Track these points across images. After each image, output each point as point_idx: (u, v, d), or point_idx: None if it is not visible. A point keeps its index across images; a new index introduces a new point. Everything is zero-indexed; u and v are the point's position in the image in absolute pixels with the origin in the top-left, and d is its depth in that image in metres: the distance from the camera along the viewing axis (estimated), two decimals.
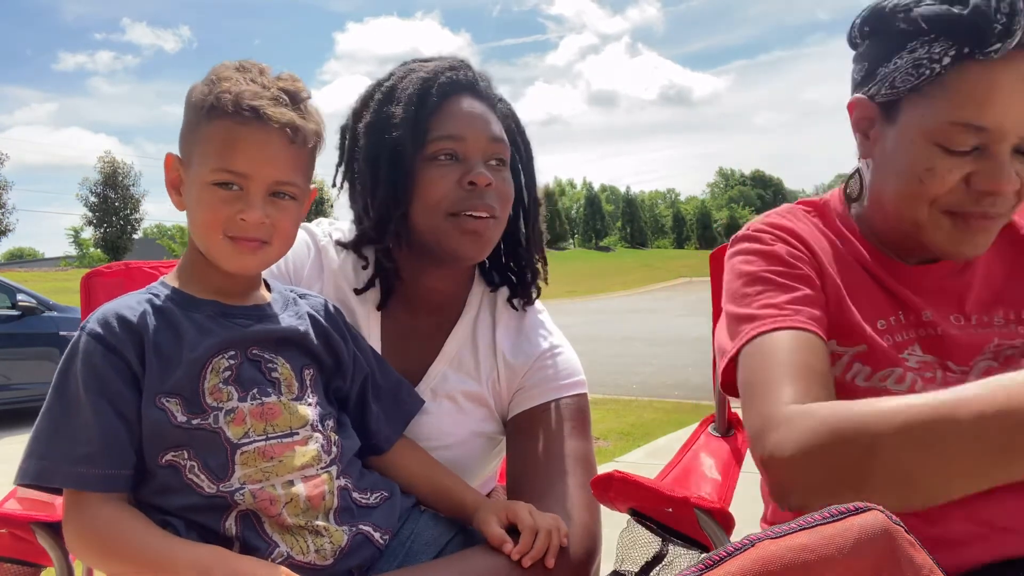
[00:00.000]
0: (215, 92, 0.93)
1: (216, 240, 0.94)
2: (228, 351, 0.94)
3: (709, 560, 0.55)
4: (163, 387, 0.90)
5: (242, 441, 0.91)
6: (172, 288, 0.98)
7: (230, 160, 0.92)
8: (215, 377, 0.92)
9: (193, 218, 0.96)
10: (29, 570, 1.18)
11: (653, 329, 12.90)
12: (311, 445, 0.95)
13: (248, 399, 0.93)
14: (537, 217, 1.27)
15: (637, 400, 6.73)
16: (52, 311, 6.69)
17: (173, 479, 0.89)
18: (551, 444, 1.15)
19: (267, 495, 0.90)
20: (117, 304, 0.94)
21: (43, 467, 0.87)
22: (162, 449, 0.90)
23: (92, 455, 0.87)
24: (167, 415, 0.89)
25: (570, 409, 1.19)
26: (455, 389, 1.20)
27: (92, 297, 1.54)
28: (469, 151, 1.14)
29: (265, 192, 0.94)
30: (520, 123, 1.26)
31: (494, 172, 1.16)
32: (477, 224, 1.13)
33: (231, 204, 0.93)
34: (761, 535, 0.56)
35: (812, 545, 0.55)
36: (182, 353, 0.91)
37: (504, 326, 1.24)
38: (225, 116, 0.92)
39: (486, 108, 1.19)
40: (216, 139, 0.93)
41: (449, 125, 1.14)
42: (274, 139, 0.93)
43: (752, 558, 0.54)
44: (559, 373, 1.21)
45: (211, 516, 0.89)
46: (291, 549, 0.90)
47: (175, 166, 0.98)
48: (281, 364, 0.98)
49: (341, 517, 0.95)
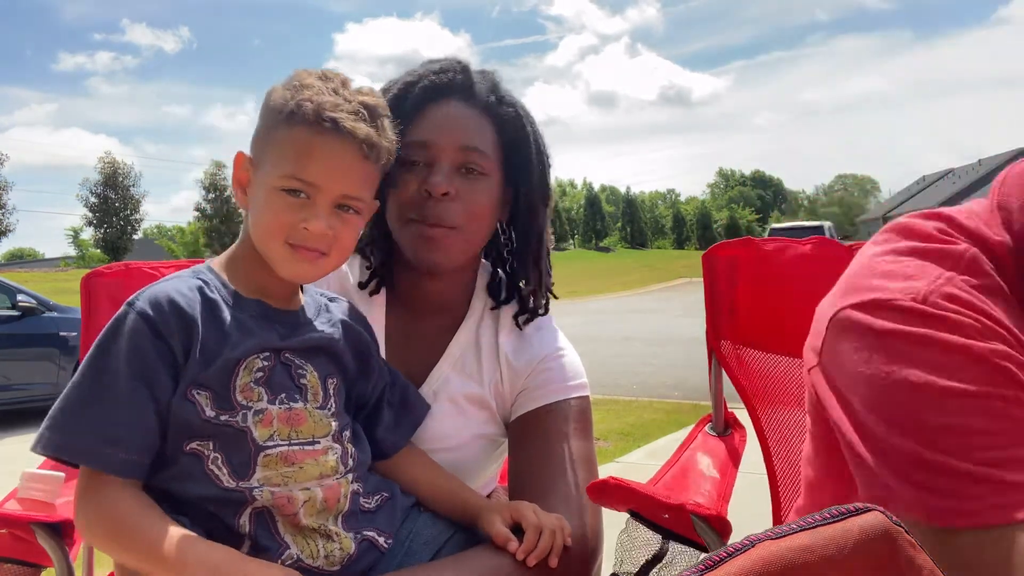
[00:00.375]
0: (296, 99, 0.93)
1: (276, 245, 0.94)
2: (263, 352, 0.94)
3: (709, 560, 0.55)
4: (196, 380, 0.89)
5: (267, 444, 0.91)
6: (220, 278, 0.97)
7: (302, 168, 0.92)
8: (247, 376, 0.92)
9: (256, 219, 0.96)
10: (29, 570, 1.18)
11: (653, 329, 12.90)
12: (330, 456, 0.95)
13: (276, 403, 0.93)
14: (535, 230, 1.22)
15: (637, 400, 6.73)
16: (52, 311, 6.69)
17: (194, 467, 0.89)
18: (553, 446, 1.15)
19: (285, 494, 0.90)
20: (169, 288, 0.92)
21: (67, 441, 0.86)
22: (187, 439, 0.89)
23: (121, 438, 0.86)
24: (196, 408, 0.89)
25: (572, 411, 1.19)
26: (457, 392, 1.20)
27: (92, 297, 1.54)
28: (436, 157, 1.13)
29: (332, 204, 0.94)
30: (526, 130, 1.21)
31: (462, 181, 1.13)
32: (432, 232, 1.13)
33: (296, 212, 0.93)
34: (761, 535, 0.56)
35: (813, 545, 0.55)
36: (223, 351, 0.91)
37: (507, 329, 1.24)
38: (304, 124, 0.92)
39: (472, 113, 1.17)
40: (291, 146, 0.92)
41: (420, 130, 1.14)
42: (348, 152, 0.93)
43: (752, 558, 0.54)
44: (562, 375, 1.21)
45: (226, 509, 0.88)
46: (301, 552, 0.90)
47: (244, 165, 0.98)
48: (310, 372, 0.98)
49: (347, 522, 0.95)
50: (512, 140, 1.19)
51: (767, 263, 1.44)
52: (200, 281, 0.95)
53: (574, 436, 1.17)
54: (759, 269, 1.45)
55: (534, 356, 1.22)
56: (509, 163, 1.20)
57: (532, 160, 1.20)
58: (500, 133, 1.19)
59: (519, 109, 1.21)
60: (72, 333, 6.48)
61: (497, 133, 1.18)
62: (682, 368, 8.23)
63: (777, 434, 1.46)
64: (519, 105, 1.21)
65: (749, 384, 1.46)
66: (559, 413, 1.18)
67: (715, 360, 1.46)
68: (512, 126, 1.19)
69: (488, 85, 1.20)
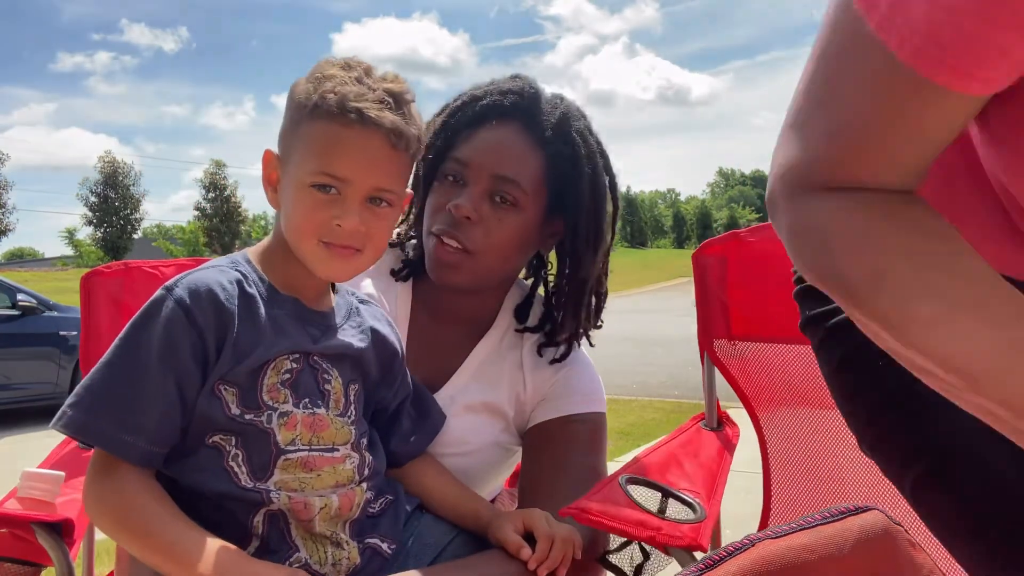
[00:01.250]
0: (320, 91, 0.89)
1: (310, 244, 0.91)
2: (294, 354, 0.92)
3: (709, 560, 0.55)
4: (225, 375, 0.88)
5: (288, 447, 0.90)
6: (259, 274, 0.95)
7: (330, 163, 0.89)
8: (275, 376, 0.90)
9: (288, 218, 0.93)
10: (29, 570, 1.18)
11: (653, 329, 12.89)
12: (348, 464, 0.94)
13: (301, 406, 0.91)
14: (580, 275, 1.19)
15: (637, 400, 6.73)
16: (52, 311, 6.68)
17: (213, 461, 0.87)
18: (566, 457, 1.14)
19: (302, 500, 0.89)
20: (209, 277, 0.89)
21: (88, 422, 0.84)
22: (211, 432, 0.88)
23: (144, 427, 0.84)
24: (222, 404, 0.87)
25: (589, 425, 1.19)
26: (476, 400, 1.20)
27: (92, 297, 1.54)
28: (470, 178, 1.13)
29: (363, 198, 0.90)
30: (581, 171, 1.14)
31: (490, 207, 1.12)
32: (441, 250, 1.12)
33: (328, 208, 0.89)
34: (761, 535, 0.56)
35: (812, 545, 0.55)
36: (256, 350, 0.89)
37: (531, 343, 1.23)
38: (329, 117, 0.88)
39: (523, 143, 1.13)
40: (317, 140, 0.89)
41: (465, 147, 1.14)
42: (376, 143, 0.89)
43: (752, 558, 0.54)
44: (581, 389, 1.21)
45: (240, 508, 0.87)
46: (310, 557, 0.89)
47: (273, 163, 0.95)
48: (335, 377, 0.96)
49: (353, 528, 0.94)
50: (565, 177, 1.15)
51: (755, 252, 1.44)
52: (239, 274, 0.92)
53: (588, 450, 1.17)
54: (748, 260, 1.45)
55: (556, 368, 1.21)
56: (559, 199, 1.16)
57: (583, 206, 1.15)
58: (551, 168, 1.14)
59: (579, 148, 1.15)
60: (72, 332, 6.47)
61: (546, 168, 1.14)
62: (682, 367, 8.23)
63: (774, 431, 1.46)
64: (582, 144, 1.15)
65: (745, 380, 1.46)
66: (574, 426, 1.18)
67: (707, 360, 1.46)
68: (566, 165, 1.15)
69: (555, 118, 1.15)
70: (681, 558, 0.96)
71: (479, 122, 1.15)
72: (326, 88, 0.89)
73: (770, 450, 1.47)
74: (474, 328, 1.24)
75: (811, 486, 1.43)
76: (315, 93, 0.89)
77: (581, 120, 1.18)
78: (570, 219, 1.16)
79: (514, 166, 1.12)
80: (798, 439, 1.44)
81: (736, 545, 0.55)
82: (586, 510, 0.96)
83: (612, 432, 5.28)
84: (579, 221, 1.16)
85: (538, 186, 1.14)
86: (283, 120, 0.96)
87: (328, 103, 0.88)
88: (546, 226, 1.19)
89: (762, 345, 1.44)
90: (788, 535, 0.56)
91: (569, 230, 1.17)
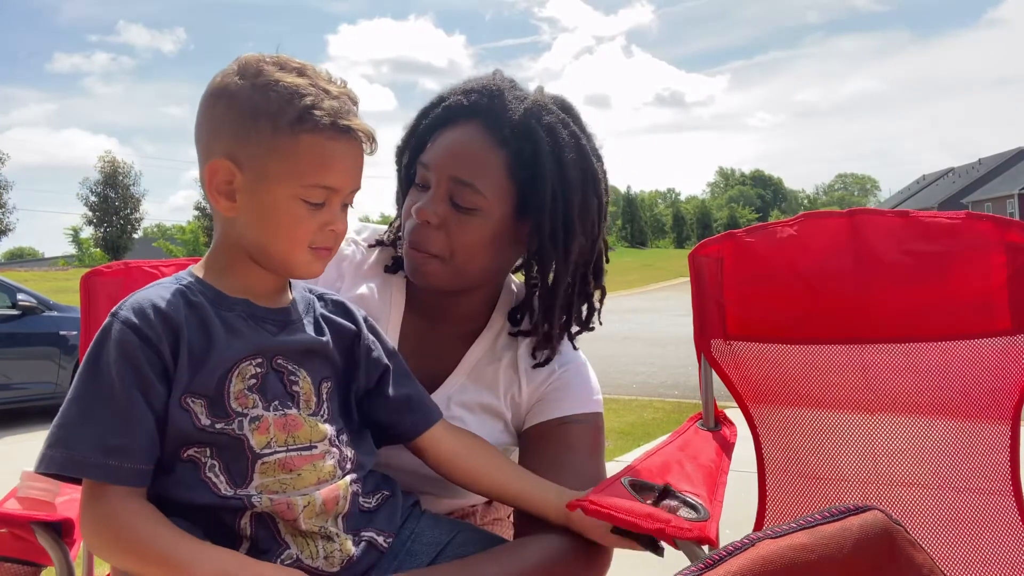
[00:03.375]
0: (298, 106, 0.89)
1: (301, 252, 0.94)
2: (256, 358, 0.93)
3: (709, 560, 0.55)
4: (190, 387, 0.88)
5: (264, 451, 0.90)
6: (202, 282, 0.95)
7: (324, 177, 0.91)
8: (240, 383, 0.91)
9: (271, 227, 0.92)
10: (29, 570, 1.18)
11: (653, 329, 12.89)
12: (328, 460, 0.95)
13: (271, 409, 0.92)
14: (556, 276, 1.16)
15: (637, 399, 6.72)
16: (52, 311, 6.68)
17: (190, 475, 0.88)
18: (563, 459, 1.14)
19: (284, 500, 0.89)
20: (151, 294, 0.91)
21: (71, 456, 0.85)
22: (184, 446, 0.88)
23: (125, 448, 0.85)
24: (191, 416, 0.88)
25: (584, 427, 1.18)
26: (472, 400, 1.20)
27: (92, 297, 1.54)
28: (431, 182, 1.13)
29: (344, 201, 0.96)
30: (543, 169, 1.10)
31: (453, 212, 1.10)
32: (412, 256, 1.13)
33: (318, 216, 0.93)
34: (761, 535, 0.56)
35: (812, 544, 0.55)
36: (211, 354, 0.90)
37: (527, 344, 1.23)
38: (316, 131, 0.90)
39: (484, 143, 1.11)
40: (308, 155, 0.90)
41: (428, 150, 1.14)
42: (358, 151, 0.94)
43: (752, 557, 0.54)
44: (579, 389, 1.21)
45: (226, 515, 0.88)
46: (301, 552, 0.90)
47: (228, 171, 0.92)
48: (302, 378, 0.96)
49: (347, 522, 0.94)
50: (530, 178, 1.11)
51: (752, 253, 1.44)
52: (181, 287, 0.94)
53: (585, 451, 1.16)
54: (745, 260, 1.44)
55: (552, 368, 1.21)
56: (526, 201, 1.12)
57: (545, 202, 1.11)
58: (514, 167, 1.11)
59: (541, 144, 1.10)
60: (72, 332, 6.48)
61: (510, 167, 1.11)
62: (682, 367, 8.23)
63: (770, 430, 1.46)
64: (545, 139, 1.10)
65: (741, 380, 1.46)
66: (572, 427, 1.17)
67: (704, 361, 1.46)
68: (530, 163, 1.11)
69: (518, 115, 1.11)
70: (689, 552, 0.96)
71: (443, 124, 1.15)
72: (305, 104, 0.89)
73: (765, 450, 1.46)
74: (467, 329, 1.24)
75: (807, 486, 1.43)
76: (291, 108, 0.89)
77: (554, 114, 1.13)
78: (539, 215, 1.12)
79: (470, 168, 1.10)
80: (794, 439, 1.44)
81: (736, 545, 0.55)
82: (595, 502, 0.96)
83: (612, 432, 5.28)
84: (542, 220, 1.12)
85: (502, 186, 1.11)
86: (217, 123, 0.92)
87: (317, 119, 0.89)
88: (520, 225, 1.15)
89: (759, 345, 1.44)
90: (788, 535, 0.56)
91: (534, 228, 1.13)
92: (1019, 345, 1.30)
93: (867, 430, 1.39)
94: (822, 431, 1.42)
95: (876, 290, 1.36)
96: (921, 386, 1.36)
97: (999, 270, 1.31)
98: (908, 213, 1.39)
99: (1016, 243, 1.30)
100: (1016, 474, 1.31)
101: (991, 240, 1.31)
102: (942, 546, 1.31)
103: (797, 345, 1.41)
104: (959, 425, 1.34)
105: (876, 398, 1.38)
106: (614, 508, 0.96)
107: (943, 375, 1.34)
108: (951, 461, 1.34)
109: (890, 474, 1.38)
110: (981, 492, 1.32)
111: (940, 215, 1.37)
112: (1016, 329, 1.30)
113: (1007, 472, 1.31)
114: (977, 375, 1.32)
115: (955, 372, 1.33)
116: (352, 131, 0.92)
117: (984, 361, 1.32)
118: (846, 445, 1.41)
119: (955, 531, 1.32)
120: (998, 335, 1.31)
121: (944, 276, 1.33)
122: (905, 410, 1.37)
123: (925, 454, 1.36)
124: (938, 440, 1.35)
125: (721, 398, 1.47)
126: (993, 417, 1.31)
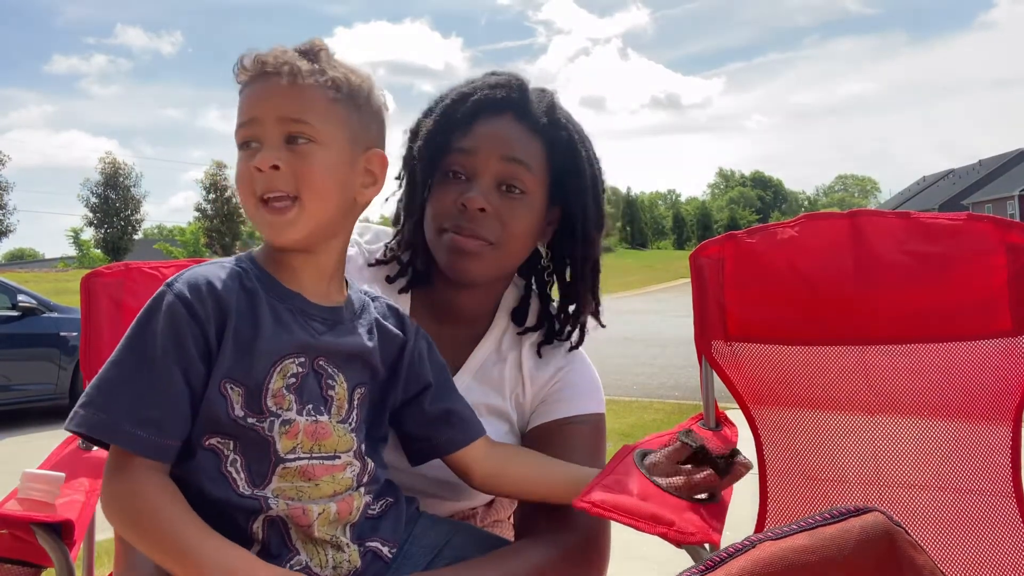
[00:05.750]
0: (234, 67, 0.94)
1: (251, 208, 0.92)
2: (300, 356, 0.92)
3: (710, 561, 0.55)
4: (230, 373, 0.88)
5: (288, 456, 0.89)
6: (260, 269, 0.95)
7: (240, 115, 0.92)
8: (280, 380, 0.90)
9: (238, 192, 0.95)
10: (29, 571, 1.18)
11: (653, 330, 12.88)
12: (348, 472, 0.94)
13: (304, 413, 0.91)
14: (591, 258, 1.21)
15: (637, 401, 6.72)
16: (53, 312, 6.69)
17: (210, 464, 0.87)
18: (566, 459, 1.14)
19: (300, 507, 0.89)
20: (208, 271, 0.91)
21: (102, 420, 0.84)
22: (210, 432, 0.88)
23: (157, 420, 0.84)
24: (227, 404, 0.87)
25: (587, 427, 1.19)
26: (478, 402, 1.19)
27: (92, 297, 1.54)
28: (478, 170, 1.12)
29: (279, 137, 0.91)
30: (580, 155, 1.18)
31: (501, 198, 1.12)
32: (462, 243, 1.12)
33: (250, 160, 0.91)
34: (762, 536, 0.56)
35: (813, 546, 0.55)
36: (256, 343, 0.89)
37: (531, 342, 1.23)
38: (241, 83, 0.94)
39: (523, 130, 1.15)
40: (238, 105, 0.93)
41: (465, 140, 1.14)
42: (274, 81, 0.91)
43: (753, 559, 0.54)
44: (581, 390, 1.21)
45: (239, 514, 0.87)
46: (311, 560, 0.89)
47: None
48: (339, 383, 0.96)
49: (354, 531, 0.94)
50: (564, 164, 1.17)
51: (753, 254, 1.44)
52: (240, 269, 0.93)
53: (588, 451, 1.17)
54: (746, 261, 1.44)
55: (555, 368, 1.22)
56: (559, 186, 1.18)
57: (587, 187, 1.18)
58: (551, 155, 1.16)
59: (574, 133, 1.18)
60: (72, 333, 6.47)
61: (547, 154, 1.16)
62: (682, 369, 8.23)
63: (771, 431, 1.46)
64: (575, 129, 1.18)
65: (742, 382, 1.46)
66: (575, 427, 1.18)
67: (705, 362, 1.46)
68: (565, 149, 1.17)
69: (544, 106, 1.17)
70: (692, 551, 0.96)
71: (473, 117, 1.15)
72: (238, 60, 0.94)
73: (766, 451, 1.46)
74: (472, 329, 1.24)
75: (808, 487, 1.43)
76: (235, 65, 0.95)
77: (565, 110, 1.20)
78: (578, 201, 1.17)
79: (520, 150, 1.13)
80: (795, 440, 1.44)
81: (737, 546, 0.55)
82: (599, 503, 0.96)
83: (612, 433, 5.27)
84: (587, 205, 1.18)
85: (543, 171, 1.15)
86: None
87: (235, 70, 0.94)
88: (547, 215, 1.19)
89: (760, 346, 1.44)
90: (789, 536, 0.55)
91: (579, 211, 1.18)
92: (1020, 346, 1.30)
93: (868, 431, 1.39)
94: (823, 432, 1.42)
95: (877, 291, 1.36)
96: (922, 387, 1.35)
97: (1000, 271, 1.30)
98: (909, 214, 1.39)
99: (1017, 244, 1.30)
100: (1017, 475, 1.30)
101: (992, 241, 1.31)
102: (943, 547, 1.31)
103: (798, 346, 1.41)
104: (960, 426, 1.34)
105: (877, 399, 1.38)
106: (617, 508, 0.96)
107: (944, 376, 1.34)
108: (952, 462, 1.34)
109: (891, 475, 1.37)
110: (982, 493, 1.32)
111: (941, 216, 1.37)
112: (1017, 330, 1.30)
113: (1008, 473, 1.30)
114: (978, 376, 1.32)
115: (956, 373, 1.33)
116: (265, 67, 0.91)
117: (985, 362, 1.32)
118: (847, 446, 1.40)
119: (956, 533, 1.31)
120: (999, 336, 1.31)
121: (945, 277, 1.33)
122: (906, 411, 1.37)
123: (926, 455, 1.36)
124: (939, 441, 1.35)
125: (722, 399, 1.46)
126: (994, 418, 1.31)
